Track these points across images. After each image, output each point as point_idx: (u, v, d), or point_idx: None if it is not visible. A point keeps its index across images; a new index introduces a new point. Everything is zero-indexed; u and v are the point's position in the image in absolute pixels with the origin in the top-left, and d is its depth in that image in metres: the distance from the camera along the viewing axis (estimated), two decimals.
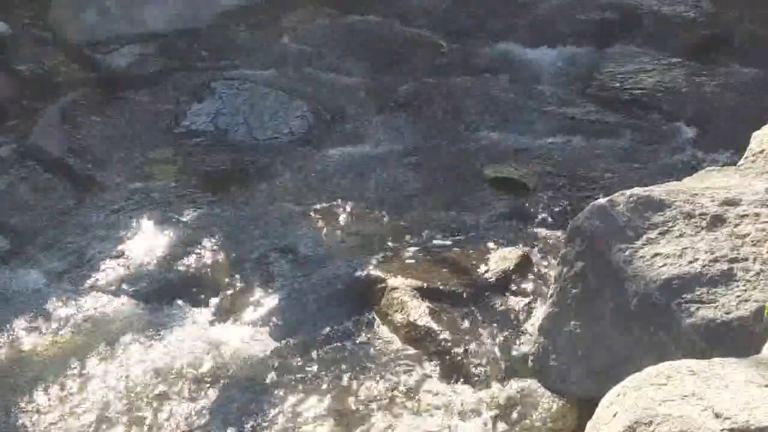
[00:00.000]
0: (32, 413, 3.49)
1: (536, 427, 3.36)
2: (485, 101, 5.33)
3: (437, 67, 5.64)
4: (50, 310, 3.95)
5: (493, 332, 3.75)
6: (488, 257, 4.13)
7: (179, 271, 4.16)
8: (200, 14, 5.97)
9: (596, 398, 2.53)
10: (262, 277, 4.11)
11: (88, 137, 5.07)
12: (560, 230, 4.17)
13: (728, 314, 2.92)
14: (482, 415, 3.41)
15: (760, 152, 3.45)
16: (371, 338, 3.79)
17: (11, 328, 3.87)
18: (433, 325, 3.77)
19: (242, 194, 4.64)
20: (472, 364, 3.62)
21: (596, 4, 6.11)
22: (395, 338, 3.78)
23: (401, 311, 3.84)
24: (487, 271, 4.05)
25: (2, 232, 4.42)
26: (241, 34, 5.89)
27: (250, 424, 3.43)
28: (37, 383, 3.60)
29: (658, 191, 3.26)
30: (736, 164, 3.52)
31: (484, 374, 3.58)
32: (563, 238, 3.37)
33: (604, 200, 3.25)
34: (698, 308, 2.95)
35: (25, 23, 5.92)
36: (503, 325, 3.79)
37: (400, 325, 3.81)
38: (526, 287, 3.96)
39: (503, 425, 3.37)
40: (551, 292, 3.29)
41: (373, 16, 6.03)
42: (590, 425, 2.48)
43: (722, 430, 2.23)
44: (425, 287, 3.94)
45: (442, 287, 3.96)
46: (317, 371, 3.64)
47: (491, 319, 3.82)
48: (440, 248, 4.23)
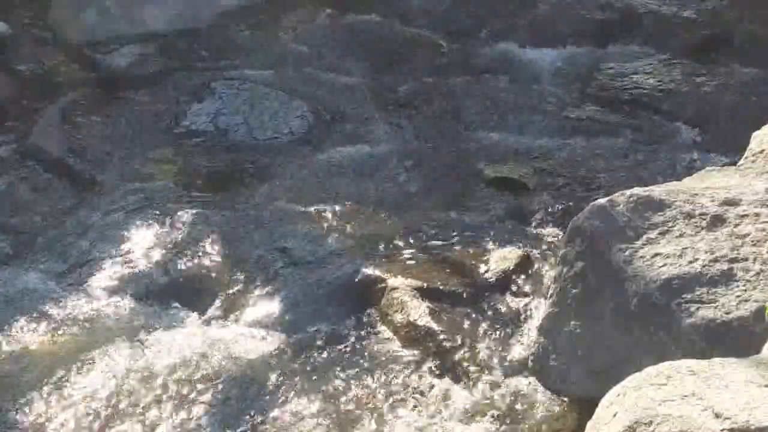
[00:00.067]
0: (32, 413, 3.48)
1: (536, 427, 3.36)
2: (485, 101, 5.33)
3: (437, 67, 5.64)
4: (50, 310, 3.95)
5: (493, 332, 3.75)
6: (488, 257, 4.13)
7: (179, 271, 4.16)
8: (200, 14, 5.97)
9: (596, 398, 2.53)
10: (262, 277, 4.11)
11: (88, 137, 5.07)
12: (560, 230, 4.17)
13: (728, 314, 2.92)
14: (482, 415, 3.42)
15: (760, 152, 3.45)
16: (371, 338, 3.79)
17: (11, 328, 3.87)
18: (433, 325, 3.77)
19: (242, 194, 4.64)
20: (472, 364, 3.62)
21: (596, 4, 6.11)
22: (395, 338, 3.78)
23: (401, 311, 3.84)
24: (487, 271, 4.05)
25: (2, 232, 4.42)
26: (241, 34, 5.89)
27: (250, 424, 3.43)
28: (37, 383, 3.60)
29: (658, 191, 3.26)
30: (736, 164, 3.52)
31: (484, 374, 3.58)
32: (563, 238, 3.37)
33: (604, 200, 3.25)
34: (698, 308, 2.95)
35: (25, 23, 5.92)
36: (503, 325, 3.79)
37: (400, 325, 3.81)
38: (526, 287, 3.96)
39: (503, 425, 3.37)
40: (551, 292, 3.29)
41: (373, 16, 6.03)
42: (590, 425, 2.48)
43: (722, 430, 2.23)
44: (425, 287, 3.94)
45: (442, 287, 3.96)
46: (317, 371, 3.64)
47: (491, 319, 3.82)
48: (440, 248, 4.23)
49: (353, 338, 3.79)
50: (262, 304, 3.98)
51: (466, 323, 3.80)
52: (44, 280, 4.13)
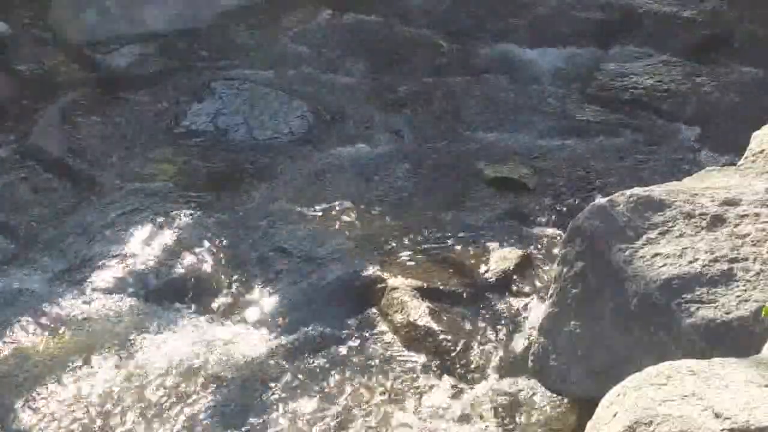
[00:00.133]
0: (32, 413, 3.48)
1: (536, 427, 3.36)
2: (485, 101, 5.33)
3: (437, 67, 5.64)
4: (50, 310, 3.94)
5: (493, 332, 3.75)
6: (488, 257, 4.13)
7: (179, 271, 4.16)
8: (200, 14, 5.96)
9: (596, 398, 2.53)
10: (261, 277, 4.11)
11: (88, 137, 5.07)
12: (560, 230, 4.17)
13: (728, 314, 2.92)
14: (482, 415, 3.41)
15: (760, 152, 3.45)
16: (371, 338, 3.79)
17: (11, 328, 3.86)
18: (433, 325, 3.77)
19: (242, 194, 4.64)
20: (472, 364, 3.62)
21: (596, 4, 6.10)
22: (395, 338, 3.78)
23: (401, 311, 3.84)
24: (487, 271, 4.05)
25: (2, 232, 4.42)
26: (241, 34, 5.89)
27: (249, 424, 3.43)
28: (37, 383, 3.60)
29: (658, 191, 3.26)
30: (736, 164, 3.51)
31: (484, 374, 3.58)
32: (563, 238, 3.37)
33: (604, 200, 3.25)
34: (698, 308, 2.95)
35: (25, 23, 5.91)
36: (503, 325, 3.79)
37: (400, 325, 3.81)
38: (526, 287, 3.96)
39: (503, 425, 3.37)
40: (551, 292, 3.29)
41: (373, 16, 6.03)
42: (590, 425, 2.48)
43: (722, 430, 2.23)
44: (425, 287, 3.94)
45: (442, 287, 3.96)
46: (317, 371, 3.64)
47: (491, 319, 3.82)
48: (440, 248, 4.23)
49: (353, 338, 3.79)
50: (262, 304, 3.98)
51: (466, 323, 3.80)
52: (44, 280, 4.13)
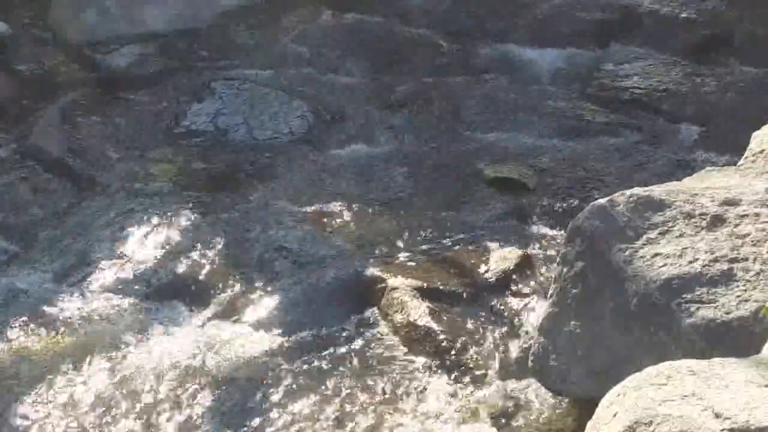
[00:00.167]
0: (32, 413, 3.48)
1: (536, 427, 3.36)
2: (485, 101, 5.33)
3: (437, 67, 5.64)
4: (50, 310, 3.95)
5: (493, 332, 3.75)
6: (488, 257, 4.13)
7: (179, 271, 4.16)
8: (200, 14, 5.97)
9: (596, 398, 2.53)
10: (261, 277, 4.11)
11: (88, 137, 5.07)
12: (560, 230, 4.17)
13: (728, 314, 2.92)
14: (482, 415, 3.41)
15: (760, 152, 3.45)
16: (371, 338, 3.79)
17: (11, 328, 3.87)
18: (433, 325, 3.77)
19: (242, 194, 4.64)
20: (471, 364, 3.62)
21: (596, 4, 6.10)
22: (395, 338, 3.78)
23: (401, 311, 3.84)
24: (487, 271, 4.05)
25: (2, 232, 4.42)
26: (241, 34, 5.89)
27: (250, 424, 3.43)
28: (37, 383, 3.60)
29: (658, 191, 3.26)
30: (736, 164, 3.52)
31: (484, 374, 3.58)
32: (563, 238, 3.37)
33: (604, 200, 3.25)
34: (698, 308, 2.95)
35: (25, 23, 5.92)
36: (503, 325, 3.79)
37: (400, 325, 3.81)
38: (526, 287, 3.96)
39: (503, 425, 3.37)
40: (551, 292, 3.29)
41: (373, 16, 6.03)
42: (590, 425, 2.48)
43: (722, 430, 2.23)
44: (425, 287, 3.94)
45: (442, 287, 3.96)
46: (317, 371, 3.64)
47: (491, 319, 3.82)
48: (440, 248, 4.23)
49: (353, 338, 3.79)
50: (262, 304, 3.98)
51: (466, 323, 3.80)
52: (44, 280, 4.13)
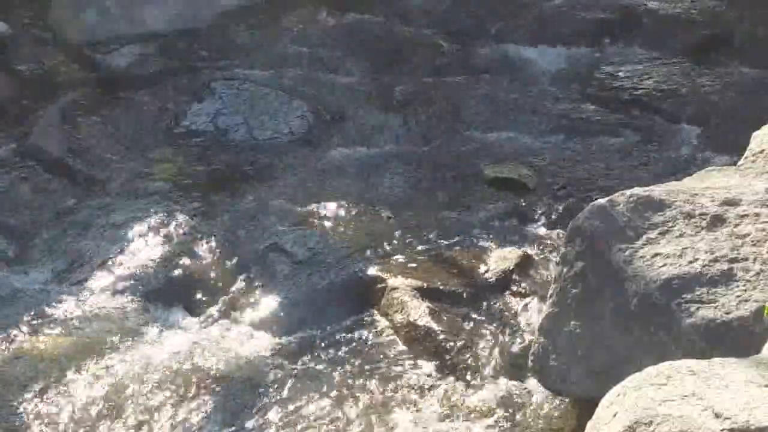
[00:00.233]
0: (32, 413, 3.48)
1: (536, 427, 3.36)
2: (485, 101, 5.33)
3: (437, 67, 5.64)
4: (50, 310, 3.95)
5: (493, 332, 3.75)
6: (488, 257, 4.13)
7: (179, 271, 4.16)
8: (200, 14, 5.97)
9: (596, 398, 2.53)
10: (261, 277, 4.11)
11: (88, 137, 5.07)
12: (560, 230, 4.17)
13: (728, 314, 2.92)
14: (482, 415, 3.41)
15: (760, 152, 3.45)
16: (371, 338, 3.79)
17: (11, 328, 3.87)
18: (433, 325, 3.77)
19: (242, 194, 4.64)
20: (471, 363, 3.62)
21: (596, 4, 6.10)
22: (395, 338, 3.78)
23: (401, 311, 3.84)
24: (487, 271, 4.05)
25: (2, 232, 4.42)
26: (241, 34, 5.89)
27: (249, 424, 3.43)
28: (37, 383, 3.60)
29: (658, 191, 3.26)
30: (736, 164, 3.52)
31: (483, 374, 3.58)
32: (563, 238, 3.37)
33: (604, 200, 3.25)
34: (698, 308, 2.95)
35: (25, 23, 5.92)
36: (503, 325, 3.79)
37: (400, 325, 3.81)
38: (526, 287, 3.96)
39: (503, 425, 3.37)
40: (551, 292, 3.29)
41: (373, 16, 6.03)
42: (590, 425, 2.48)
43: (722, 430, 2.23)
44: (425, 287, 3.94)
45: (442, 287, 3.96)
46: (317, 371, 3.64)
47: (491, 319, 3.82)
48: (440, 248, 4.23)
49: (353, 338, 3.79)
50: (262, 304, 3.98)
51: (466, 323, 3.80)
52: (44, 280, 4.14)
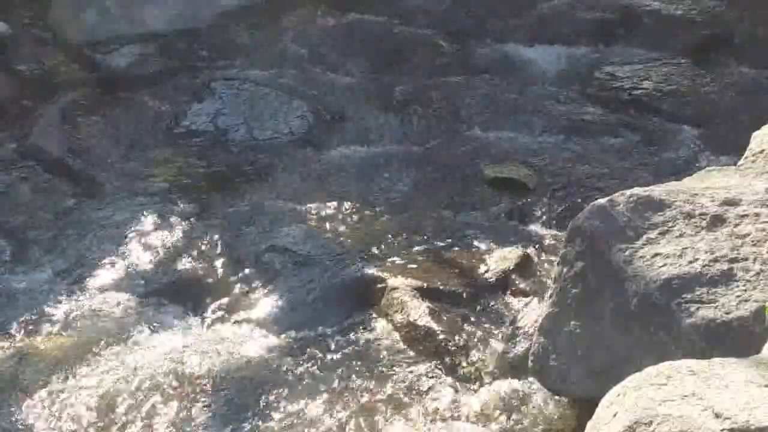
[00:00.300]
0: (32, 413, 3.48)
1: (536, 427, 3.36)
2: (485, 101, 5.33)
3: (437, 67, 5.64)
4: (50, 310, 3.95)
5: (493, 332, 3.75)
6: (488, 257, 4.13)
7: (179, 271, 4.16)
8: (200, 14, 5.97)
9: (596, 398, 2.53)
10: (261, 277, 4.11)
11: (88, 137, 5.07)
12: (560, 230, 4.17)
13: (728, 314, 2.92)
14: (482, 415, 3.41)
15: (760, 152, 3.45)
16: (371, 338, 3.79)
17: (11, 328, 3.87)
18: (433, 325, 3.77)
19: (242, 194, 4.64)
20: (471, 363, 3.62)
21: (596, 4, 6.11)
22: (395, 338, 3.78)
23: (401, 311, 3.84)
24: (487, 271, 4.05)
25: (2, 232, 4.42)
26: (241, 34, 5.89)
27: (249, 424, 3.43)
28: (37, 383, 3.60)
29: (658, 191, 3.26)
30: (736, 164, 3.52)
31: (483, 374, 3.58)
32: (563, 238, 3.37)
33: (604, 200, 3.25)
34: (698, 308, 2.95)
35: (25, 23, 5.92)
36: (503, 325, 3.79)
37: (400, 325, 3.81)
38: (526, 287, 3.96)
39: (503, 425, 3.37)
40: (551, 292, 3.28)
41: (373, 16, 6.03)
42: (590, 425, 2.47)
43: (722, 430, 2.22)
44: (425, 287, 3.94)
45: (442, 287, 3.96)
46: (317, 371, 3.64)
47: (491, 319, 3.82)
48: (440, 248, 4.23)
49: (353, 338, 3.79)
50: (262, 304, 3.98)
51: (466, 323, 3.80)
52: (44, 280, 4.13)
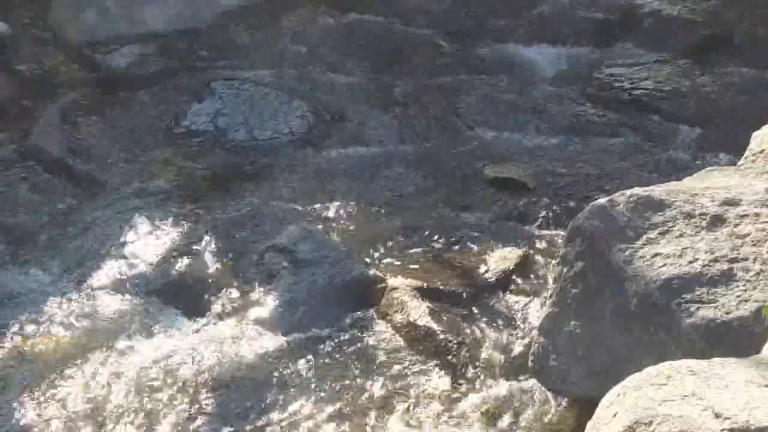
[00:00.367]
0: (33, 413, 3.48)
1: (536, 427, 3.36)
2: (485, 101, 5.33)
3: (437, 67, 5.64)
4: (50, 310, 3.95)
5: (493, 332, 3.75)
6: (488, 257, 4.13)
7: (179, 271, 4.16)
8: (200, 14, 5.97)
9: (596, 398, 2.53)
10: (261, 277, 4.11)
11: (88, 137, 5.07)
12: (560, 230, 4.17)
13: (728, 314, 2.92)
14: (482, 415, 3.41)
15: (760, 152, 3.45)
16: (371, 338, 3.79)
17: (11, 328, 3.87)
18: (433, 325, 3.77)
19: (242, 194, 4.64)
20: (471, 364, 3.62)
21: (596, 4, 6.11)
22: (395, 338, 3.78)
23: (401, 311, 3.84)
24: (487, 271, 4.05)
25: (2, 232, 4.42)
26: (241, 34, 5.89)
27: (249, 424, 3.43)
28: (37, 383, 3.60)
29: (658, 191, 3.26)
30: (736, 164, 3.52)
31: (484, 374, 3.58)
32: (563, 238, 3.37)
33: (604, 200, 3.25)
34: (698, 308, 2.95)
35: (25, 23, 5.92)
36: (503, 325, 3.79)
37: (400, 325, 3.81)
38: (526, 287, 3.96)
39: (503, 425, 3.37)
40: (551, 292, 3.29)
41: (373, 16, 6.03)
42: (590, 425, 2.48)
43: (722, 430, 2.23)
44: (425, 287, 3.94)
45: (442, 287, 3.96)
46: (316, 371, 3.64)
47: (491, 319, 3.82)
48: (440, 248, 4.23)
49: (353, 338, 3.79)
50: (262, 304, 3.98)
51: (466, 323, 3.80)
52: (44, 280, 4.13)
